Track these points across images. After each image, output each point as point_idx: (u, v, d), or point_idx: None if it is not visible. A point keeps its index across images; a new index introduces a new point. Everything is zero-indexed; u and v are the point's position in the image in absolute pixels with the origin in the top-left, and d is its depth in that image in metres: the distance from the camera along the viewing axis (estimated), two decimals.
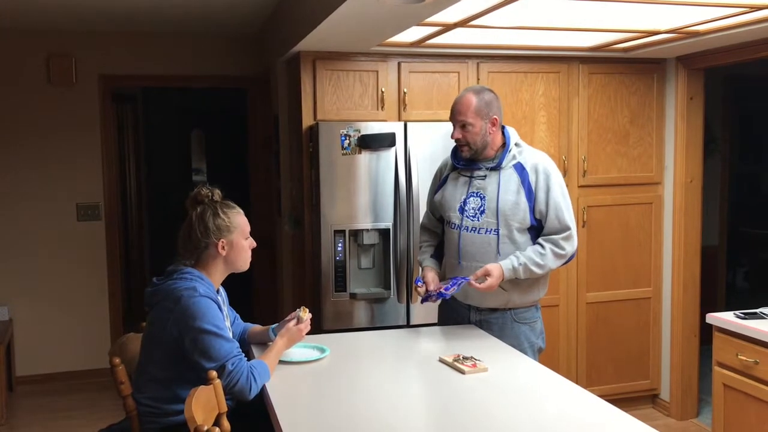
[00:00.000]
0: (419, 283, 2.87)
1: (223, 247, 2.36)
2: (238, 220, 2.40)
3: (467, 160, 2.85)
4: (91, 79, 5.04)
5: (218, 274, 2.41)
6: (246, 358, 2.25)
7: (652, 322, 4.47)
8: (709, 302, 4.81)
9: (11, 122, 4.92)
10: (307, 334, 2.57)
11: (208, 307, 2.23)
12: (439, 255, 3.04)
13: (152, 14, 4.47)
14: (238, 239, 2.39)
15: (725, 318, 2.96)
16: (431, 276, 2.90)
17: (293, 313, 2.54)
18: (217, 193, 2.42)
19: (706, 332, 3.40)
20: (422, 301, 2.87)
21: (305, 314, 2.51)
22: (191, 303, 2.22)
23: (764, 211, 6.04)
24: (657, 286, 4.46)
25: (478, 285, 2.69)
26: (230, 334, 2.32)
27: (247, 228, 2.44)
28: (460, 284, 2.74)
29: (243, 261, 2.43)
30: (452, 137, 2.83)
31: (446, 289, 2.76)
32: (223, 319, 2.30)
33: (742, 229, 6.03)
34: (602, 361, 4.40)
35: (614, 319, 4.40)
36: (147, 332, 2.36)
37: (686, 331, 4.36)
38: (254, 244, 2.47)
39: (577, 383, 2.30)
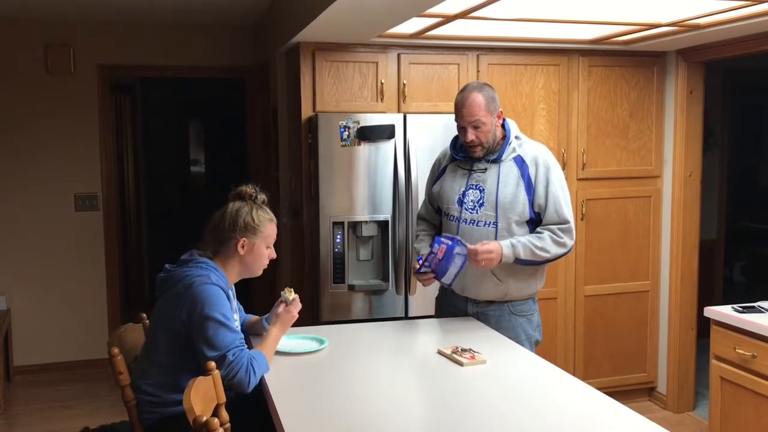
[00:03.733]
0: (421, 260, 2.85)
1: (242, 246, 2.38)
2: (266, 226, 2.43)
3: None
4: (89, 69, 5.02)
5: (233, 273, 2.43)
6: (247, 349, 2.25)
7: (650, 316, 4.48)
8: (707, 296, 4.82)
9: (9, 112, 4.90)
10: (305, 325, 2.57)
11: (217, 296, 2.25)
12: None
13: (151, 4, 4.45)
14: (260, 244, 2.41)
15: (723, 312, 2.96)
16: None
17: (279, 299, 2.53)
18: (261, 197, 2.46)
19: (703, 326, 3.41)
20: (416, 272, 2.83)
21: (291, 294, 2.49)
22: (202, 289, 2.24)
23: (762, 205, 6.05)
24: (655, 279, 4.47)
25: (476, 247, 2.65)
26: (237, 326, 2.32)
27: (273, 238, 2.46)
28: (456, 255, 2.70)
29: (258, 267, 2.46)
30: (465, 141, 2.78)
31: (446, 267, 2.72)
32: (231, 310, 2.31)
33: (741, 224, 6.03)
34: (599, 354, 4.41)
35: (612, 312, 4.41)
36: (155, 317, 2.37)
37: (684, 324, 4.37)
38: (274, 255, 2.49)
39: (574, 376, 2.30)
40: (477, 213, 2.80)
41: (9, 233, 4.96)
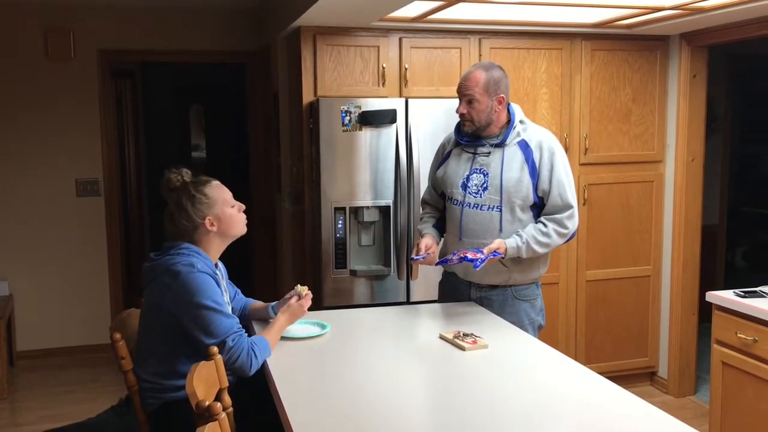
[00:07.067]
0: (417, 259, 2.85)
1: (212, 224, 2.35)
2: (215, 192, 2.38)
3: (471, 136, 2.83)
4: (89, 54, 5.00)
5: (214, 248, 2.40)
6: (246, 334, 2.26)
7: (652, 300, 4.48)
8: (708, 281, 4.82)
9: (9, 97, 4.88)
10: (308, 310, 2.58)
11: (207, 283, 2.23)
12: (440, 227, 3.03)
13: None
14: (223, 210, 2.37)
15: (725, 296, 2.96)
16: (427, 242, 2.87)
17: (291, 291, 2.55)
18: (187, 173, 2.41)
19: (705, 310, 3.41)
20: (413, 259, 2.83)
21: (304, 290, 2.53)
22: (190, 279, 2.21)
23: (765, 190, 6.03)
24: (657, 264, 4.47)
25: (491, 253, 2.65)
26: (230, 310, 2.32)
27: (229, 196, 2.41)
28: (465, 258, 2.68)
29: (237, 228, 2.42)
30: (457, 111, 2.80)
31: (460, 259, 2.68)
32: (221, 295, 2.30)
33: (743, 209, 6.02)
34: (601, 339, 4.42)
35: (614, 297, 4.41)
36: (145, 307, 2.36)
37: (685, 309, 4.38)
38: (243, 207, 2.44)
39: (576, 360, 2.31)
40: (481, 197, 2.79)
41: (11, 218, 4.96)
